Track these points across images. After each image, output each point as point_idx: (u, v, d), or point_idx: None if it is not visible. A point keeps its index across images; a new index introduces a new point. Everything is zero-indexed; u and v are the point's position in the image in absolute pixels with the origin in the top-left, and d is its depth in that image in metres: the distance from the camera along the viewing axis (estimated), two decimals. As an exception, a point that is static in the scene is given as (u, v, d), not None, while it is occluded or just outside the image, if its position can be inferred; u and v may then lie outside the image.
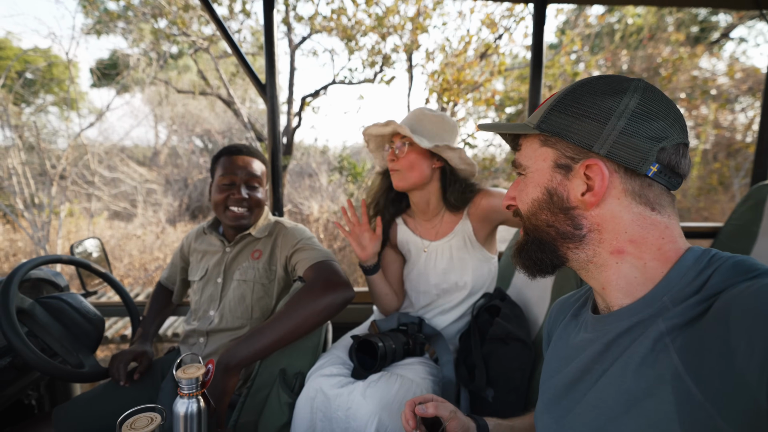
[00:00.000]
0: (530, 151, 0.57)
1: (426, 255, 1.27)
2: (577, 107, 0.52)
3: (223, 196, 1.24)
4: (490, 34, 5.06)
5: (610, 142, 0.50)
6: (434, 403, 0.71)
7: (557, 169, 0.54)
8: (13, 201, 4.99)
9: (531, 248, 0.58)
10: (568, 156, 0.53)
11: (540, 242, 0.57)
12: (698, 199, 6.39)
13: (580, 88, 0.54)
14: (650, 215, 0.51)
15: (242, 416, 1.09)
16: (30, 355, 1.01)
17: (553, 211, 0.54)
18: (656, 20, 6.30)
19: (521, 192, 0.59)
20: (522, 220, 0.60)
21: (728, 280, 0.45)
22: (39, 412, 1.47)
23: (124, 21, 6.12)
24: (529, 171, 0.57)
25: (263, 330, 1.02)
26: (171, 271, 1.48)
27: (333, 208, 6.36)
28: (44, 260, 1.17)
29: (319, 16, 5.18)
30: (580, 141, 0.51)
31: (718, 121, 6.54)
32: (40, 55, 6.52)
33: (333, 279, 1.10)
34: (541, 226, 0.56)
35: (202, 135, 8.83)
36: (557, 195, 0.54)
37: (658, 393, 0.45)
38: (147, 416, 0.68)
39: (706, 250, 0.50)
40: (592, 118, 0.51)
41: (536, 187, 0.56)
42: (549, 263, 0.57)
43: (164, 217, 7.09)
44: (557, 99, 0.54)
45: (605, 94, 0.51)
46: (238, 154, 1.27)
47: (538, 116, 0.56)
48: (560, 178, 0.54)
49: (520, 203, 0.59)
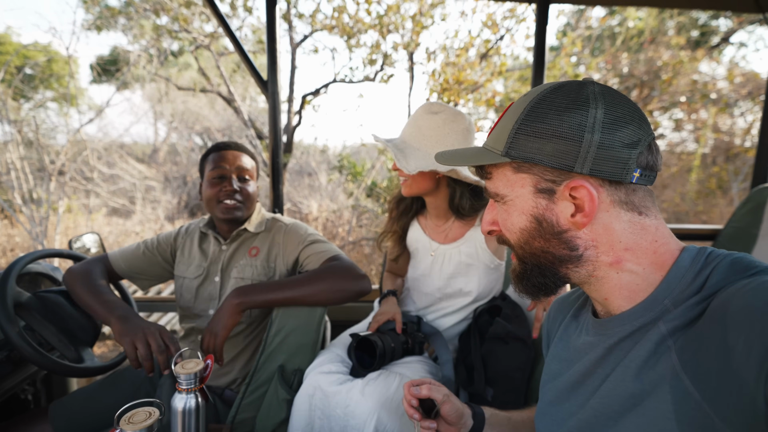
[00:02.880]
0: (503, 179, 0.55)
1: (433, 258, 1.26)
2: (544, 128, 0.50)
3: (215, 190, 1.22)
4: (492, 34, 5.07)
5: (590, 159, 0.48)
6: (428, 386, 0.72)
7: (539, 194, 0.52)
8: (11, 196, 4.97)
9: (531, 275, 0.56)
10: (548, 179, 0.51)
11: (539, 268, 0.55)
12: (696, 202, 6.41)
13: (539, 105, 0.51)
14: (639, 220, 0.51)
15: (240, 412, 1.08)
16: (27, 349, 1.00)
17: (546, 237, 0.53)
18: (657, 24, 6.32)
19: (505, 220, 0.57)
20: (513, 249, 0.58)
21: (726, 278, 0.45)
22: (35, 407, 1.46)
23: (125, 17, 6.11)
24: (508, 198, 0.55)
25: (282, 285, 1.10)
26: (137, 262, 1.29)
27: (332, 207, 6.36)
28: (43, 254, 1.17)
29: (320, 13, 5.18)
30: (559, 163, 0.49)
31: (718, 126, 6.56)
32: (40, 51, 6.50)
33: (354, 270, 1.16)
34: (536, 253, 0.55)
35: (202, 132, 8.81)
36: (546, 221, 0.52)
37: (657, 393, 0.45)
38: (145, 410, 0.68)
39: (702, 249, 0.50)
40: (564, 138, 0.49)
41: (521, 215, 0.54)
42: (552, 285, 0.56)
43: (163, 214, 7.07)
44: (519, 121, 0.51)
45: (569, 110, 0.49)
46: (227, 149, 1.26)
47: (502, 141, 0.53)
48: (545, 202, 0.52)
49: (507, 232, 0.57)
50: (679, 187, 6.66)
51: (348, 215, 6.15)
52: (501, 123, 0.55)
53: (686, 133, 6.95)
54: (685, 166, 6.74)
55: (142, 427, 0.64)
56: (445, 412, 0.71)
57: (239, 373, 1.23)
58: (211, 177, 1.24)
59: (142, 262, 1.30)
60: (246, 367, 1.24)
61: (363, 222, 6.03)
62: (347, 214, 6.19)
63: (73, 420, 1.15)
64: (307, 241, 1.24)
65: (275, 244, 1.27)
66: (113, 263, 1.28)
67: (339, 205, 6.46)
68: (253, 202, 1.30)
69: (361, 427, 0.93)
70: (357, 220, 6.00)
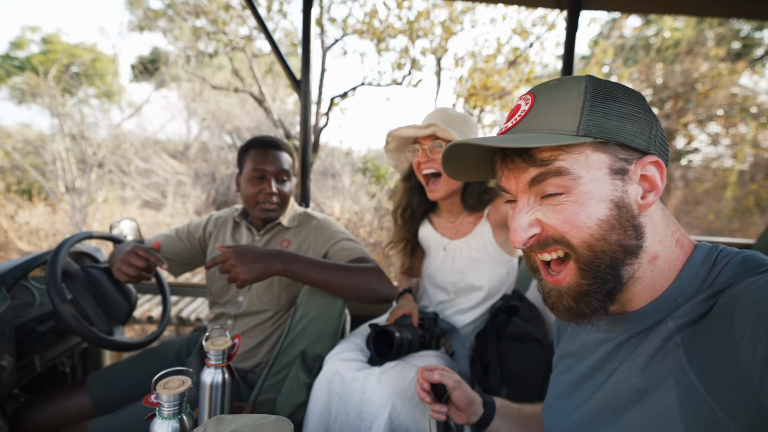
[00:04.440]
0: (580, 159, 0.47)
1: (445, 253, 1.29)
2: (620, 106, 0.48)
3: (255, 191, 1.27)
4: (521, 41, 5.04)
5: (657, 139, 0.49)
6: (440, 371, 0.74)
7: (615, 175, 0.47)
8: (56, 185, 5.28)
9: (598, 289, 0.47)
10: (621, 158, 0.47)
11: (613, 269, 0.47)
12: (732, 220, 6.13)
13: (601, 87, 0.49)
14: (662, 207, 0.51)
15: (262, 393, 1.13)
16: (72, 321, 1.08)
17: (625, 227, 0.46)
18: (695, 34, 6.11)
19: (575, 214, 0.47)
20: (575, 252, 0.48)
21: (736, 276, 0.45)
22: (72, 379, 1.56)
23: (166, 19, 6.41)
24: (581, 183, 0.47)
25: (323, 266, 1.11)
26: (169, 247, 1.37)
27: (354, 208, 6.43)
28: (88, 235, 1.26)
29: (352, 17, 5.29)
30: (640, 143, 0.47)
31: (757, 141, 6.27)
32: (87, 50, 6.90)
33: (385, 278, 1.18)
34: (611, 251, 0.46)
35: (232, 132, 9.09)
36: (626, 206, 0.47)
37: (662, 387, 0.45)
38: (179, 378, 0.73)
39: (713, 247, 0.50)
40: (639, 118, 0.48)
41: (600, 202, 0.46)
42: (614, 291, 0.48)
43: (192, 208, 7.32)
44: (589, 100, 0.47)
45: (627, 93, 0.49)
46: (268, 148, 1.30)
47: (570, 122, 0.47)
48: (621, 184, 0.47)
49: (575, 230, 0.47)
50: (713, 203, 6.38)
51: (370, 217, 6.21)
52: (546, 107, 0.49)
53: (723, 148, 6.67)
54: (720, 182, 6.46)
55: (177, 392, 0.68)
56: (456, 398, 0.73)
57: (263, 358, 1.29)
58: (250, 176, 1.27)
59: (174, 248, 1.38)
60: (270, 352, 1.29)
61: (384, 224, 6.07)
62: (369, 216, 6.26)
63: (108, 391, 1.23)
64: (339, 238, 1.28)
65: (307, 238, 1.31)
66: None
67: (361, 207, 6.53)
68: (288, 201, 1.34)
69: (375, 413, 0.95)
70: (378, 222, 6.05)
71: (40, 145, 5.78)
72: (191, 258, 1.41)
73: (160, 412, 0.69)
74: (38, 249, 5.37)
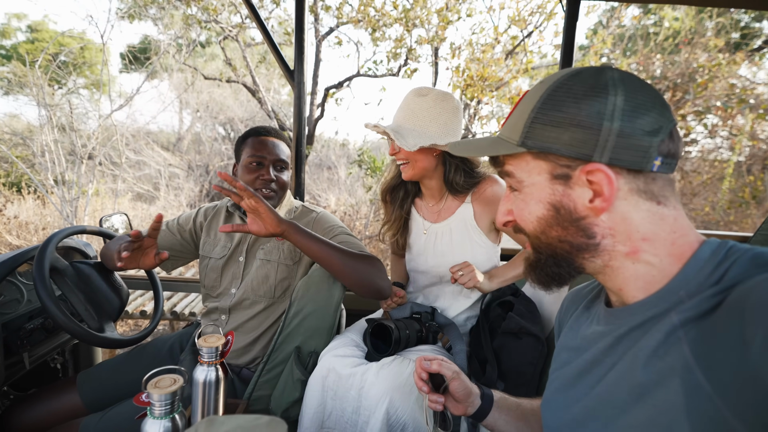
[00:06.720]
0: (520, 167, 0.54)
1: (425, 237, 1.30)
2: (561, 116, 0.49)
3: (252, 177, 1.24)
4: (519, 30, 4.98)
5: (609, 147, 0.47)
6: (438, 361, 0.74)
7: (555, 180, 0.51)
8: (44, 177, 5.20)
9: (546, 265, 0.56)
10: (563, 165, 0.50)
11: (555, 258, 0.54)
12: (728, 212, 6.16)
13: (556, 93, 0.50)
14: (658, 209, 0.50)
15: (257, 390, 1.12)
16: (62, 318, 1.05)
17: (564, 226, 0.52)
18: (695, 24, 6.08)
19: (521, 210, 0.55)
20: (529, 238, 0.57)
21: (746, 272, 0.44)
22: (63, 377, 1.53)
23: (157, 7, 6.26)
24: (524, 185, 0.54)
25: (328, 243, 1.09)
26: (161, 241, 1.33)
27: (350, 201, 6.40)
28: (78, 230, 1.22)
29: (347, 5, 5.20)
30: (577, 153, 0.49)
31: (755, 133, 6.28)
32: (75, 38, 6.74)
33: (384, 273, 1.15)
34: (553, 243, 0.54)
35: (225, 123, 8.99)
36: (564, 208, 0.51)
37: (667, 384, 0.44)
38: (170, 377, 0.71)
39: (723, 242, 0.49)
40: (582, 127, 0.48)
41: (538, 203, 0.53)
42: (566, 275, 0.55)
43: (185, 201, 7.27)
44: (536, 110, 0.51)
45: (587, 97, 0.48)
46: (266, 136, 1.28)
47: (518, 131, 0.52)
48: (561, 188, 0.51)
49: (523, 222, 0.56)
50: (710, 195, 6.41)
51: (366, 210, 6.18)
52: (517, 111, 0.54)
53: (720, 140, 6.67)
54: (717, 174, 6.48)
55: (168, 391, 0.67)
56: (454, 388, 0.72)
57: (258, 353, 1.27)
58: (248, 162, 1.25)
59: (166, 241, 1.35)
60: (265, 348, 1.27)
61: (380, 216, 6.05)
62: (365, 208, 6.23)
63: (99, 389, 1.21)
64: (337, 232, 1.25)
65: None
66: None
67: (357, 200, 6.50)
68: (285, 191, 1.33)
69: (373, 408, 0.94)
70: (374, 215, 6.03)
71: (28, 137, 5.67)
72: (183, 251, 1.38)
73: (152, 411, 0.67)
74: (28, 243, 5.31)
